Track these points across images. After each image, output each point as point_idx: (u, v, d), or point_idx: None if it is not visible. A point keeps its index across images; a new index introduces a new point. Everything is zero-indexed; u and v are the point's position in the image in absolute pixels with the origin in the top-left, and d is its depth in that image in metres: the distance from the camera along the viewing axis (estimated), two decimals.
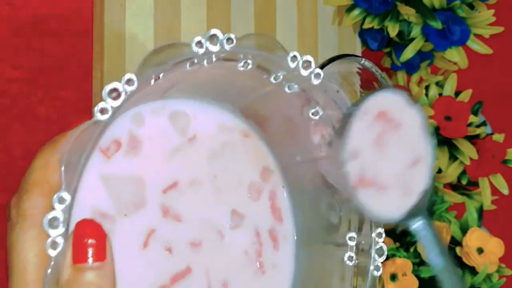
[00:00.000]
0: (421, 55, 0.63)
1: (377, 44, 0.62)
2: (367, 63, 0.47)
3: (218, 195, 0.35)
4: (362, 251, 0.35)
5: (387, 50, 0.64)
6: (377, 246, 0.34)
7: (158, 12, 0.51)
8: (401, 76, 0.65)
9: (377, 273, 0.34)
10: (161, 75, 0.28)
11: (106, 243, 0.27)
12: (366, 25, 0.61)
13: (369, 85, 0.48)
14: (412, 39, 0.61)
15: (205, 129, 0.35)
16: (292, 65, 0.31)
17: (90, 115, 0.26)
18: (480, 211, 0.63)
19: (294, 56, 0.31)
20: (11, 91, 0.48)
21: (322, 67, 0.44)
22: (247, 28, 0.56)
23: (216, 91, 0.35)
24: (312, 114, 0.34)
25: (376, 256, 0.34)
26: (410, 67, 0.64)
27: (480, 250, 0.58)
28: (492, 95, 0.67)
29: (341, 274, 0.35)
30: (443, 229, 0.59)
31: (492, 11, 0.62)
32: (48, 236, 0.25)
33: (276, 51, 0.30)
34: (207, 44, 0.28)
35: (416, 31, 0.60)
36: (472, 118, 0.64)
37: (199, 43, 0.28)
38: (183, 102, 0.35)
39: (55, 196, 0.25)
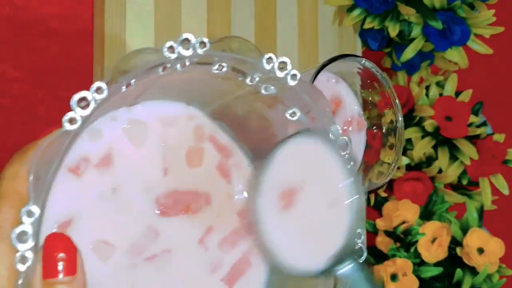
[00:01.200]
0: (422, 55, 0.63)
1: (378, 44, 0.62)
2: (368, 63, 0.47)
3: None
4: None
5: (388, 50, 0.64)
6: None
7: (158, 12, 0.51)
8: (401, 76, 0.65)
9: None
10: (132, 82, 0.27)
11: (77, 257, 0.26)
12: (367, 25, 0.61)
13: (370, 85, 0.48)
14: (413, 39, 0.61)
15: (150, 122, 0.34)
16: (268, 66, 0.30)
17: None
18: (481, 211, 0.63)
19: (270, 58, 0.30)
20: (11, 91, 0.48)
21: (322, 67, 0.44)
22: (247, 28, 0.56)
23: (190, 94, 0.35)
24: (290, 115, 0.33)
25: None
26: (411, 67, 0.64)
27: (480, 250, 0.58)
28: (492, 95, 0.67)
29: None
30: (443, 229, 0.59)
31: (493, 11, 0.62)
32: (17, 250, 0.24)
33: (251, 53, 0.30)
34: (179, 49, 0.28)
35: (416, 31, 0.60)
36: (473, 118, 0.64)
37: (171, 48, 0.28)
38: (143, 107, 0.34)
39: (23, 209, 0.24)
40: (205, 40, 0.28)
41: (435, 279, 0.58)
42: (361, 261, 0.30)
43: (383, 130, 0.48)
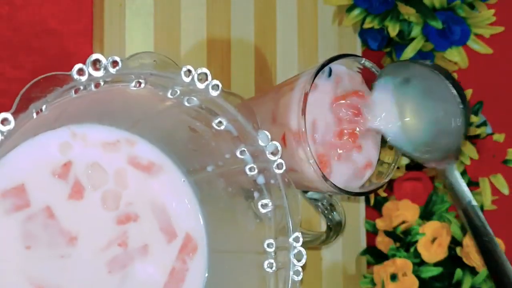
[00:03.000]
0: (422, 55, 0.63)
1: (378, 44, 0.62)
2: (368, 63, 0.47)
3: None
4: (281, 257, 0.34)
5: (388, 50, 0.64)
6: (295, 251, 0.33)
7: (158, 12, 0.51)
8: None
9: (297, 278, 0.33)
10: (43, 107, 0.27)
11: None
12: (366, 25, 0.61)
13: (370, 85, 0.48)
14: (413, 39, 0.61)
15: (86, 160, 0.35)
16: (187, 79, 0.30)
17: None
18: (481, 211, 0.62)
19: (188, 70, 0.30)
20: (11, 91, 0.48)
21: (322, 66, 0.44)
22: (247, 28, 0.56)
23: (108, 114, 0.34)
24: (216, 124, 0.33)
25: (295, 261, 0.33)
26: None
27: None
28: (492, 95, 0.67)
29: (261, 281, 0.35)
30: (443, 229, 0.59)
31: (493, 11, 0.62)
32: None
33: (168, 67, 0.30)
34: (90, 70, 0.28)
35: (416, 31, 0.60)
36: (473, 118, 0.64)
37: (81, 70, 0.27)
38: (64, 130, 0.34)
39: None
40: (117, 59, 0.28)
41: (435, 279, 0.58)
42: None
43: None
